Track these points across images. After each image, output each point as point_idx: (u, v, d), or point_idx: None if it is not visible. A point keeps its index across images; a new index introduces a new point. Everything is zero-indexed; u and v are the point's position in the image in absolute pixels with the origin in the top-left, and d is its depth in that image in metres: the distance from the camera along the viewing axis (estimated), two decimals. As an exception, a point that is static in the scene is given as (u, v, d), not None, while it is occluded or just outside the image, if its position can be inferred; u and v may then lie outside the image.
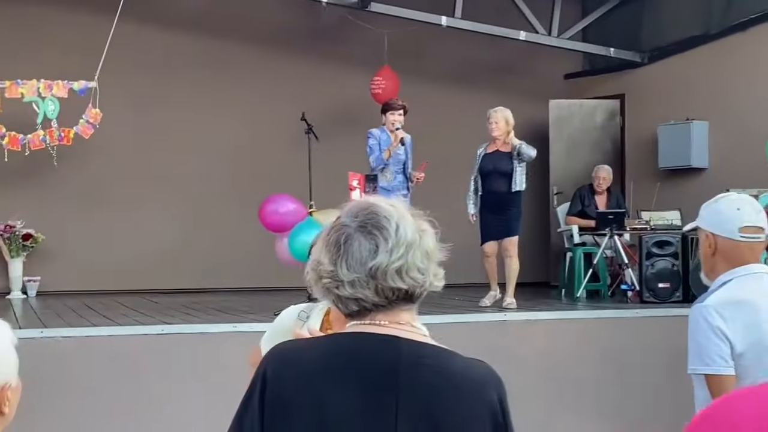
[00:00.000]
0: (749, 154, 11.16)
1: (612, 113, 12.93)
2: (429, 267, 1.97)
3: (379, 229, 1.93)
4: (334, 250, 1.94)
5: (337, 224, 1.98)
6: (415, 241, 1.95)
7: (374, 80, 11.74)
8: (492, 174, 9.17)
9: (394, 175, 8.95)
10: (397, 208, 2.00)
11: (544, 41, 12.22)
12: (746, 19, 11.49)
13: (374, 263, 1.91)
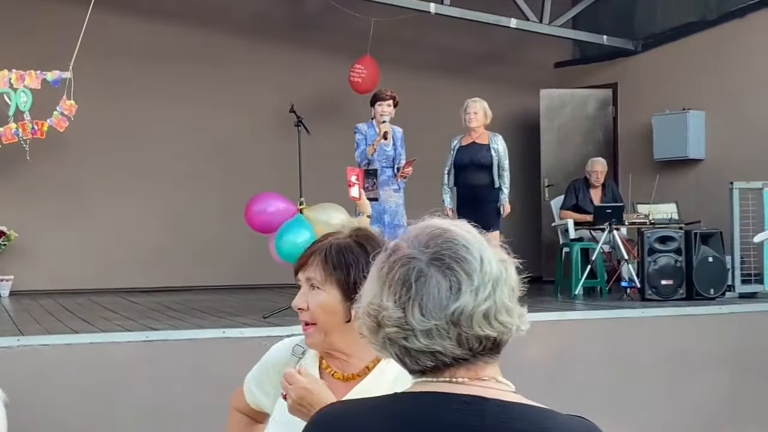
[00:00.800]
0: (749, 144, 10.87)
1: (604, 103, 12.59)
2: (515, 307, 1.58)
3: (460, 263, 1.52)
4: (401, 290, 1.52)
5: (400, 256, 1.56)
6: (501, 275, 1.55)
7: (354, 68, 11.33)
8: (469, 167, 8.82)
9: (381, 170, 8.56)
10: (474, 233, 1.59)
11: (535, 29, 11.85)
12: (744, 5, 11.17)
13: (457, 306, 1.50)
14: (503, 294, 1.54)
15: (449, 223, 1.60)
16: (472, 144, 8.94)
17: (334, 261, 2.32)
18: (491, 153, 8.87)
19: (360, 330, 1.61)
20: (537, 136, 12.45)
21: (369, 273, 1.62)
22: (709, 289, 9.18)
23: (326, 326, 2.32)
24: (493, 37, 12.28)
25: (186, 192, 11.46)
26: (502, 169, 8.88)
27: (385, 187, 8.52)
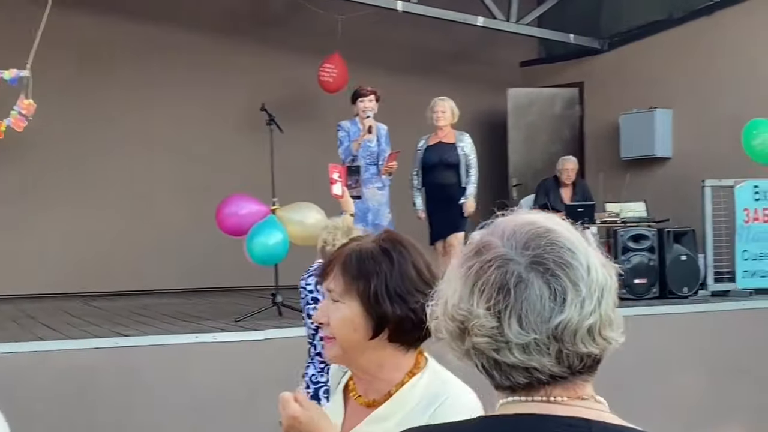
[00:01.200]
0: (716, 142, 10.86)
1: (571, 102, 12.53)
2: (617, 319, 1.41)
3: (565, 269, 1.35)
4: (497, 296, 1.34)
5: (494, 255, 1.37)
6: (606, 283, 1.38)
7: (324, 67, 11.15)
8: (438, 166, 8.69)
9: (365, 167, 8.39)
10: (577, 235, 1.42)
11: (503, 27, 11.76)
12: (711, 3, 11.18)
13: (562, 320, 1.33)
14: (608, 305, 1.38)
15: (549, 220, 1.42)
16: (439, 143, 8.81)
17: (354, 270, 2.07)
18: (458, 152, 8.75)
19: (436, 332, 1.44)
20: (504, 135, 12.36)
21: (449, 269, 1.43)
22: (682, 288, 9.13)
23: (346, 343, 2.09)
24: (459, 35, 12.18)
25: (152, 193, 11.19)
26: (470, 168, 8.76)
27: (369, 185, 8.35)
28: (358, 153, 8.30)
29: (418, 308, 2.00)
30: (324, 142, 9.83)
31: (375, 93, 8.50)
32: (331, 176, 5.52)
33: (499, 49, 12.65)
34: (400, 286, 2.05)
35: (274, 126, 8.13)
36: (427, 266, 2.11)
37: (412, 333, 2.05)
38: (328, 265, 2.15)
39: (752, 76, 10.78)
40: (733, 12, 11.00)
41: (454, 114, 8.79)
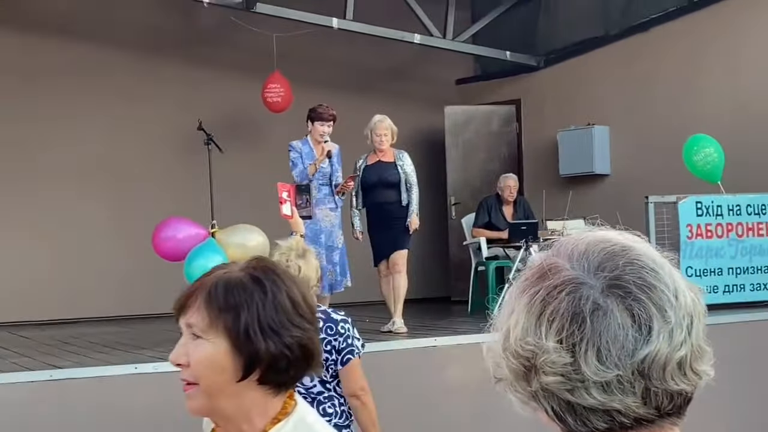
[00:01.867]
0: (654, 158, 10.87)
1: (508, 119, 12.46)
2: (708, 349, 1.22)
3: (649, 292, 1.16)
4: (570, 326, 1.14)
5: (563, 280, 1.18)
6: (696, 308, 1.20)
7: (269, 87, 10.91)
8: (377, 186, 8.51)
9: (318, 188, 8.17)
10: (657, 253, 1.23)
11: (439, 44, 11.65)
12: (646, 20, 11.20)
13: (649, 352, 1.14)
14: (699, 334, 1.18)
15: (624, 236, 1.23)
16: (378, 163, 8.62)
17: (220, 301, 1.77)
18: (398, 170, 8.58)
19: (494, 372, 1.23)
20: (442, 153, 12.23)
21: (507, 297, 1.23)
22: (628, 305, 9.02)
23: (210, 388, 1.78)
24: (396, 52, 12.05)
25: (85, 216, 10.76)
26: (410, 186, 8.59)
27: (322, 206, 8.17)
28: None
29: (294, 344, 1.76)
30: (264, 162, 9.61)
31: (335, 117, 8.32)
32: (280, 196, 5.27)
33: (435, 67, 12.55)
34: (275, 319, 1.77)
35: (212, 146, 7.84)
36: (303, 296, 1.84)
37: (287, 372, 1.78)
38: (188, 297, 1.83)
39: (690, 92, 10.82)
40: (668, 28, 11.04)
41: (394, 134, 8.63)
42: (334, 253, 8.21)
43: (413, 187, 8.59)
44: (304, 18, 10.89)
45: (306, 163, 8.17)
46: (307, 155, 8.24)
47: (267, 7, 10.66)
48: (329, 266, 8.16)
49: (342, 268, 8.26)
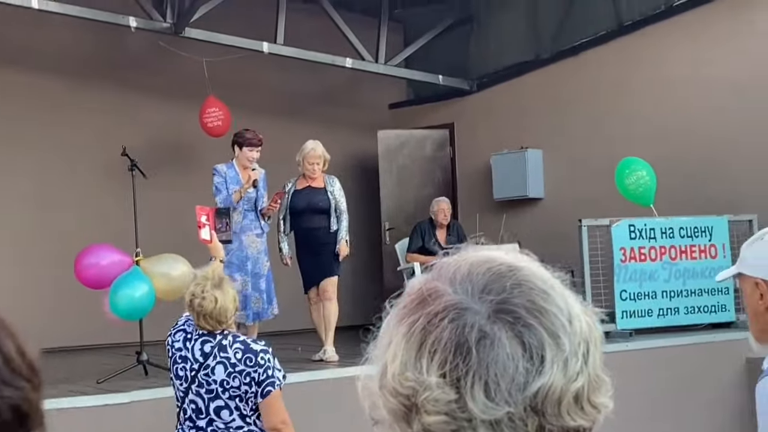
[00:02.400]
0: (587, 181, 10.87)
1: (441, 143, 12.39)
2: (606, 380, 1.09)
3: (540, 317, 1.03)
4: (453, 358, 1.01)
5: (444, 306, 1.05)
6: (592, 334, 1.07)
7: (207, 112, 10.69)
8: (306, 212, 8.34)
9: (243, 214, 7.98)
10: (548, 273, 1.10)
11: (371, 69, 11.56)
12: (577, 44, 11.23)
13: (542, 385, 1.01)
14: (596, 363, 1.06)
15: (511, 256, 1.10)
16: (307, 188, 8.45)
17: None
18: (329, 197, 8.42)
19: (371, 413, 1.08)
20: (376, 178, 12.12)
21: (384, 326, 1.10)
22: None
23: None
24: (329, 77, 11.93)
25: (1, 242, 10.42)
26: (340, 212, 8.43)
27: (248, 232, 7.98)
28: None
29: (3, 406, 1.51)
30: (195, 188, 9.38)
31: (262, 142, 8.16)
32: (199, 220, 5.08)
33: (369, 91, 12.46)
34: None
35: (136, 172, 7.62)
36: (19, 350, 1.57)
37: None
38: None
39: (621, 115, 10.85)
40: (598, 52, 11.08)
41: (326, 162, 8.48)
42: (260, 281, 8.02)
43: (343, 213, 8.44)
44: (234, 42, 10.72)
45: (231, 189, 7.98)
46: (233, 180, 8.06)
47: (196, 31, 10.47)
48: (255, 294, 7.97)
49: (269, 296, 8.07)
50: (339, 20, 11.27)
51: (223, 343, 4.30)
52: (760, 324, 2.48)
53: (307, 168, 8.39)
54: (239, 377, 4.25)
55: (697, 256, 9.47)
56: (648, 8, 10.78)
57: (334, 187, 8.48)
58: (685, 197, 10.02)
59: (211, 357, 4.29)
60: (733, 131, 10.05)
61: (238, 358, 4.26)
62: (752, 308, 2.49)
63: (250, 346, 4.30)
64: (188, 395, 4.33)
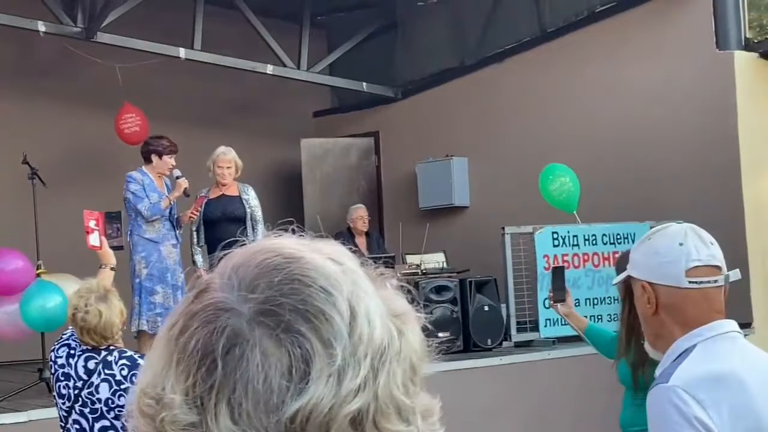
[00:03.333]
0: (513, 189, 10.74)
1: (367, 152, 12.18)
2: (414, 401, 0.86)
3: (311, 320, 0.82)
4: (196, 371, 0.80)
5: (204, 303, 0.84)
6: (389, 343, 0.84)
7: (125, 117, 10.33)
8: (221, 221, 8.03)
9: (162, 223, 7.69)
10: (344, 264, 0.88)
11: (293, 75, 11.31)
12: (501, 50, 11.10)
13: (302, 405, 0.79)
14: (393, 379, 0.83)
15: (303, 244, 0.90)
16: (222, 197, 8.15)
17: None
18: (244, 204, 8.13)
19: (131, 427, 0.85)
20: (299, 187, 11.85)
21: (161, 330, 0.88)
22: (486, 340, 8.81)
23: None
24: (250, 84, 11.65)
25: None
26: (256, 222, 8.14)
27: (165, 242, 7.70)
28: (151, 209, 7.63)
29: None
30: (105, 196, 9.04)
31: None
32: (87, 225, 4.78)
33: (292, 99, 12.20)
34: None
35: (37, 181, 7.28)
36: None
37: None
38: None
39: (545, 122, 10.74)
40: (520, 59, 10.96)
41: (238, 168, 8.19)
42: (178, 293, 7.74)
43: (258, 223, 8.14)
44: (149, 48, 10.41)
45: (151, 197, 7.70)
46: (149, 187, 7.78)
47: (108, 36, 10.13)
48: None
49: (185, 308, 7.79)
50: (259, 26, 11.01)
51: (108, 359, 4.02)
52: (652, 328, 2.31)
53: (217, 173, 8.11)
54: (124, 395, 3.97)
55: (621, 263, 9.37)
56: (570, 14, 10.71)
57: (249, 194, 8.21)
58: (608, 204, 9.93)
59: (95, 374, 4.00)
60: (654, 138, 10.00)
61: (124, 375, 3.98)
62: (642, 312, 2.32)
63: (137, 362, 4.02)
64: (71, 415, 4.04)
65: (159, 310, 7.56)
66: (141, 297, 7.55)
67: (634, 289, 2.32)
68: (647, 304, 2.27)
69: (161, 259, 7.65)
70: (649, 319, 2.29)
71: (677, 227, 2.33)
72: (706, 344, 2.19)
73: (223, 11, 11.01)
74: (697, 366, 2.14)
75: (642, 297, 2.28)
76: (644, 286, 2.27)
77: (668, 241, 2.30)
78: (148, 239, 7.63)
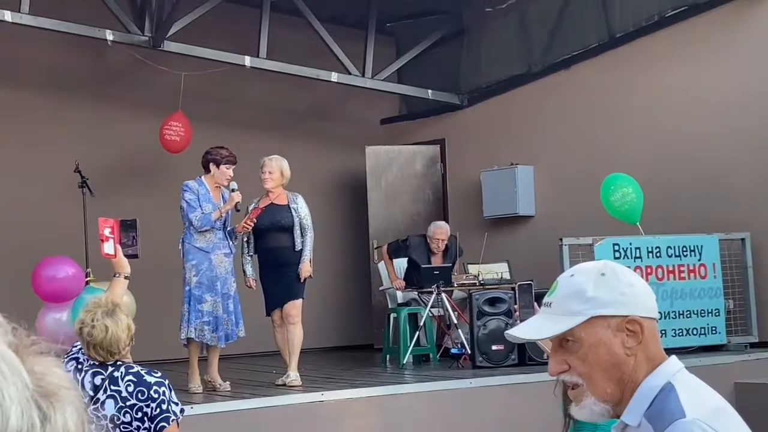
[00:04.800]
0: (577, 199, 10.52)
1: (432, 159, 12.07)
2: None
3: None
4: None
5: None
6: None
7: (169, 125, 10.43)
8: (269, 230, 8.02)
9: (214, 232, 7.73)
10: None
11: (358, 83, 11.26)
12: (568, 56, 10.89)
13: None
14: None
15: None
16: (271, 205, 8.14)
17: None
18: (292, 213, 8.10)
19: None
20: (364, 195, 11.81)
21: None
22: (542, 353, 8.61)
23: None
24: (317, 92, 11.66)
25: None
26: (305, 230, 8.11)
27: (217, 251, 7.73)
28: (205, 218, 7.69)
29: None
30: (164, 202, 9.14)
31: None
32: (102, 232, 4.78)
33: (359, 106, 12.17)
34: None
35: (86, 189, 7.39)
36: None
37: None
38: None
39: (613, 130, 10.50)
40: (589, 65, 10.73)
41: (284, 175, 8.15)
42: (229, 302, 7.78)
43: (308, 231, 8.11)
44: (214, 56, 10.49)
45: (204, 207, 7.75)
46: (204, 197, 7.82)
47: (175, 45, 10.24)
48: (224, 315, 7.72)
49: (236, 317, 7.83)
50: (324, 33, 11.00)
51: (114, 375, 4.02)
52: (616, 374, 1.98)
53: (261, 177, 8.12)
54: (130, 412, 3.96)
55: (685, 276, 9.10)
56: (640, 19, 10.43)
57: (298, 204, 8.18)
58: (674, 215, 9.64)
59: (102, 390, 4.00)
60: (725, 147, 9.67)
61: (130, 392, 3.97)
62: (608, 359, 1.98)
63: (144, 379, 4.01)
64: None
65: (207, 318, 7.60)
66: (190, 305, 7.60)
67: (593, 334, 1.99)
68: (624, 346, 1.98)
69: (212, 267, 7.68)
70: (618, 365, 1.98)
71: (612, 263, 2.17)
72: (678, 379, 2.02)
73: (289, 19, 11.04)
74: (696, 400, 1.96)
75: (614, 339, 1.98)
76: (630, 322, 2.05)
77: (627, 271, 2.13)
78: (199, 248, 7.68)
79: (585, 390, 2.01)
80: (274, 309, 8.03)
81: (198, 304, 7.59)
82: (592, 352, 1.99)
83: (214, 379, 7.73)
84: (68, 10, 9.62)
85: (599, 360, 1.99)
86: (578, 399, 2.03)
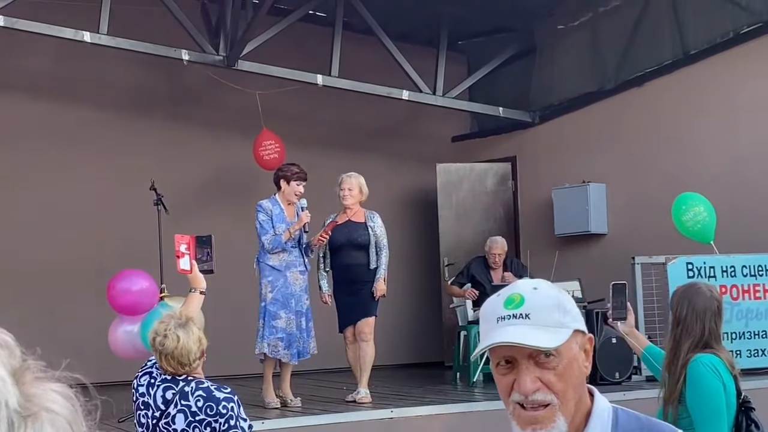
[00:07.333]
0: (650, 217, 10.40)
1: (503, 177, 12.05)
2: None
3: None
4: None
5: None
6: None
7: (264, 144, 10.61)
8: (345, 247, 8.06)
9: (288, 251, 7.81)
10: None
11: (429, 101, 11.31)
12: (641, 74, 10.80)
13: None
14: None
15: None
16: (347, 222, 8.18)
17: None
18: (368, 231, 8.13)
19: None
20: (435, 212, 11.83)
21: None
22: (614, 373, 8.56)
23: None
24: (388, 110, 11.73)
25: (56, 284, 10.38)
26: (380, 249, 8.14)
27: (292, 269, 7.78)
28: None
29: None
30: (242, 220, 9.27)
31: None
32: (177, 249, 4.88)
33: (431, 124, 12.22)
34: None
35: (161, 206, 7.55)
36: None
37: None
38: None
39: (686, 147, 10.37)
40: (662, 82, 10.63)
41: (362, 192, 8.19)
42: (302, 319, 7.83)
43: (383, 250, 8.14)
44: (287, 75, 10.63)
45: (278, 227, 7.80)
46: (278, 217, 7.87)
47: (249, 64, 10.41)
48: (297, 333, 7.77)
49: (308, 334, 7.88)
50: (396, 51, 11.08)
51: (185, 389, 4.10)
52: (578, 392, 1.83)
53: (340, 194, 8.17)
54: (199, 427, 4.03)
55: (761, 296, 8.93)
56: (715, 36, 10.31)
57: (374, 222, 8.21)
58: (749, 234, 9.48)
59: (172, 405, 4.08)
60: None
61: (199, 407, 4.04)
62: (578, 376, 1.84)
63: (213, 394, 4.08)
64: (156, 445, 4.14)
65: (281, 334, 7.66)
66: (264, 320, 7.66)
67: (569, 349, 1.84)
68: (583, 364, 1.86)
69: (287, 284, 7.73)
70: (581, 384, 1.86)
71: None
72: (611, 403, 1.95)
73: (361, 37, 11.15)
74: (646, 423, 1.94)
75: (579, 356, 1.85)
76: (590, 340, 1.87)
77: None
78: (272, 267, 7.74)
79: (557, 410, 1.79)
80: (347, 326, 8.07)
81: (272, 320, 7.65)
82: (569, 368, 1.81)
83: (285, 394, 7.79)
84: (145, 31, 9.85)
85: (572, 377, 1.82)
86: (547, 421, 1.79)
